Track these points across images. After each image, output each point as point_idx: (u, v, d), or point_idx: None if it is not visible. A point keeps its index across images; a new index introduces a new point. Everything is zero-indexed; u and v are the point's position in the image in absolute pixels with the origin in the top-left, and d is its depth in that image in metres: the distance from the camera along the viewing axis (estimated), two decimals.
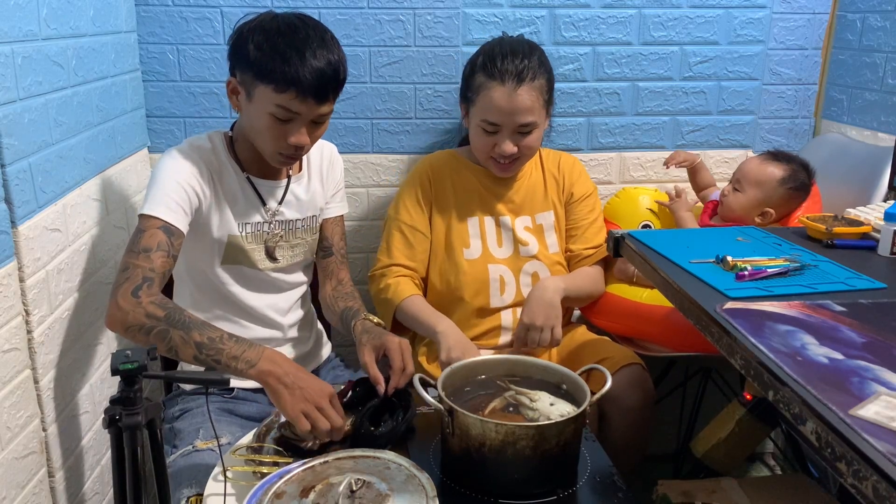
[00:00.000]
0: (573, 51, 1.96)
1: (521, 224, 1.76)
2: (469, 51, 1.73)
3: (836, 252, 1.33)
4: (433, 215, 1.75)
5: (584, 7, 1.93)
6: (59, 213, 1.34)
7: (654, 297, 1.73)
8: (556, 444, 1.13)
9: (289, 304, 1.56)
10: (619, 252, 1.46)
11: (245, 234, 1.44)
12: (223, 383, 1.06)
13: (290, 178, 1.50)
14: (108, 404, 0.99)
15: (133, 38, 1.78)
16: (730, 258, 1.23)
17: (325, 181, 1.56)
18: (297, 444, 1.21)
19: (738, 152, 2.09)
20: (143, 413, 0.99)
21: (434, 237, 1.75)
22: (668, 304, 1.38)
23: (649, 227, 1.87)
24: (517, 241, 1.74)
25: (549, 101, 1.65)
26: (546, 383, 1.31)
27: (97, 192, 1.52)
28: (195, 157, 1.38)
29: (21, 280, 1.21)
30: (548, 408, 1.22)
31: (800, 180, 1.72)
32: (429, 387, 1.25)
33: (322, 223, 1.59)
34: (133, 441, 0.98)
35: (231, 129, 1.46)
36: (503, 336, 1.73)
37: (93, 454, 1.49)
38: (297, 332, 1.59)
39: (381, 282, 1.71)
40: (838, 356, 0.91)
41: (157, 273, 1.25)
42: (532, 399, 1.24)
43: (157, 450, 1.05)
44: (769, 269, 1.20)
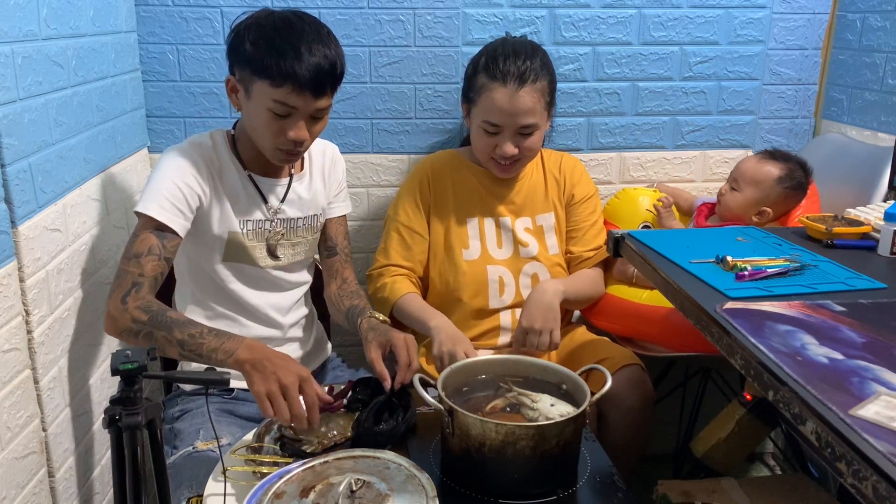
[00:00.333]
0: (573, 51, 1.96)
1: (522, 225, 1.75)
2: (469, 51, 1.73)
3: (836, 252, 1.33)
4: (432, 216, 1.75)
5: (584, 7, 1.93)
6: (59, 213, 1.33)
7: (653, 298, 1.73)
8: (556, 444, 1.13)
9: (290, 304, 1.55)
10: (619, 252, 1.46)
11: (246, 231, 1.44)
12: (223, 383, 1.06)
13: (291, 176, 1.50)
14: (108, 404, 0.99)
15: (133, 38, 1.78)
16: (730, 258, 1.23)
17: (326, 181, 1.57)
18: (297, 445, 1.21)
19: (738, 152, 2.09)
20: (143, 413, 0.99)
21: (433, 238, 1.75)
22: (668, 304, 1.38)
23: (649, 227, 1.87)
24: (517, 242, 1.74)
25: (551, 103, 1.65)
26: (546, 383, 1.31)
27: (97, 192, 1.52)
28: (194, 155, 1.38)
29: (21, 280, 1.21)
30: (548, 408, 1.22)
31: (797, 179, 1.72)
32: (429, 387, 1.26)
33: (326, 223, 1.59)
34: (133, 441, 0.98)
35: (233, 128, 1.47)
36: (502, 336, 1.73)
37: (93, 454, 1.49)
38: (298, 332, 1.59)
39: (378, 281, 1.71)
40: (838, 356, 0.91)
41: (146, 277, 1.28)
42: (534, 400, 1.24)
43: (157, 450, 1.05)
44: (769, 269, 1.20)
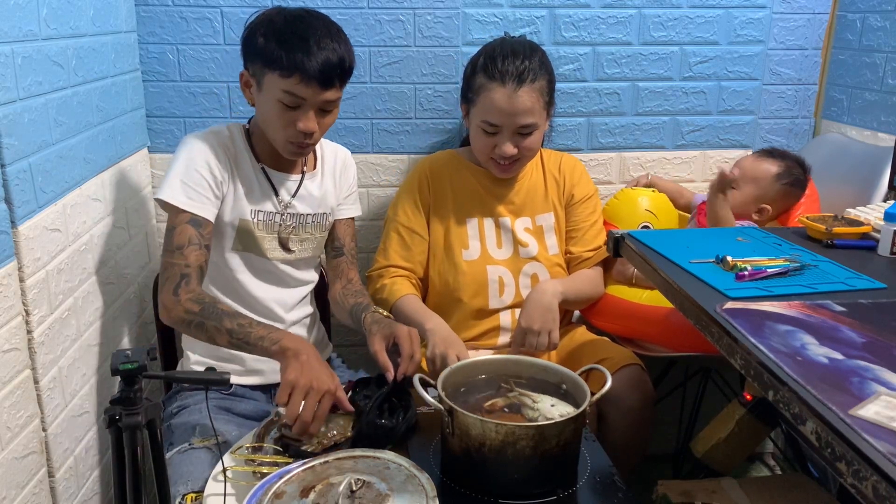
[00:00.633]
0: (573, 51, 1.96)
1: (521, 225, 1.75)
2: (469, 51, 1.73)
3: (836, 252, 1.33)
4: (432, 217, 1.75)
5: (584, 7, 1.93)
6: (59, 213, 1.33)
7: (653, 299, 1.73)
8: (556, 444, 1.13)
9: (294, 301, 1.57)
10: (619, 252, 1.46)
11: (257, 221, 1.48)
12: (223, 383, 1.06)
13: (304, 173, 1.54)
14: (108, 404, 0.99)
15: (133, 38, 1.78)
16: (730, 258, 1.23)
17: (337, 182, 1.60)
18: (297, 445, 1.21)
19: (739, 152, 2.09)
20: (143, 413, 0.99)
21: (433, 238, 1.75)
22: (668, 304, 1.38)
23: (648, 227, 1.87)
24: (517, 242, 1.74)
25: (550, 103, 1.65)
26: (546, 383, 1.31)
27: (97, 192, 1.52)
28: (213, 142, 1.44)
29: (21, 280, 1.21)
30: (549, 408, 1.22)
31: (795, 176, 1.73)
32: (429, 387, 1.26)
33: (335, 223, 1.62)
34: (133, 441, 0.98)
35: (248, 123, 1.52)
36: (502, 337, 1.73)
37: (93, 454, 1.49)
38: (299, 330, 1.59)
39: (378, 282, 1.71)
40: (838, 356, 0.91)
41: (192, 268, 1.34)
42: (534, 400, 1.24)
43: (157, 450, 1.05)
44: (769, 269, 1.20)
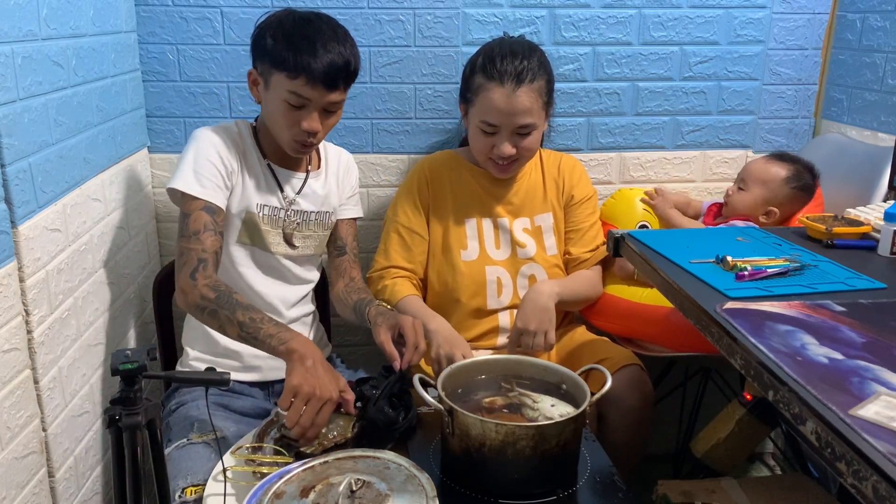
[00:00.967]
0: (573, 51, 1.96)
1: (520, 226, 1.75)
2: (469, 51, 1.73)
3: (836, 252, 1.33)
4: (431, 217, 1.75)
5: (584, 7, 1.93)
6: (59, 213, 1.33)
7: (653, 298, 1.73)
8: (556, 444, 1.13)
9: (296, 298, 1.58)
10: (619, 252, 1.46)
11: (262, 215, 1.50)
12: (223, 383, 1.06)
13: (308, 172, 1.56)
14: (108, 404, 0.99)
15: (133, 38, 1.78)
16: (730, 258, 1.23)
17: (340, 183, 1.63)
18: (296, 445, 1.21)
19: (738, 152, 2.09)
20: (143, 413, 0.99)
21: (432, 238, 1.75)
22: (668, 304, 1.38)
23: (646, 227, 1.87)
24: (515, 242, 1.74)
25: (549, 103, 1.65)
26: (546, 383, 1.31)
27: (97, 192, 1.52)
28: (223, 135, 1.46)
29: (21, 280, 1.21)
30: (549, 408, 1.22)
31: (804, 180, 1.73)
32: (429, 387, 1.26)
33: (337, 223, 1.64)
34: (133, 441, 0.98)
35: (255, 121, 1.54)
36: (501, 337, 1.73)
37: (93, 454, 1.49)
38: (300, 328, 1.59)
39: (379, 283, 1.71)
40: (838, 356, 0.91)
41: (209, 253, 1.36)
42: (535, 401, 1.25)
43: (157, 449, 1.05)
44: (769, 269, 1.20)
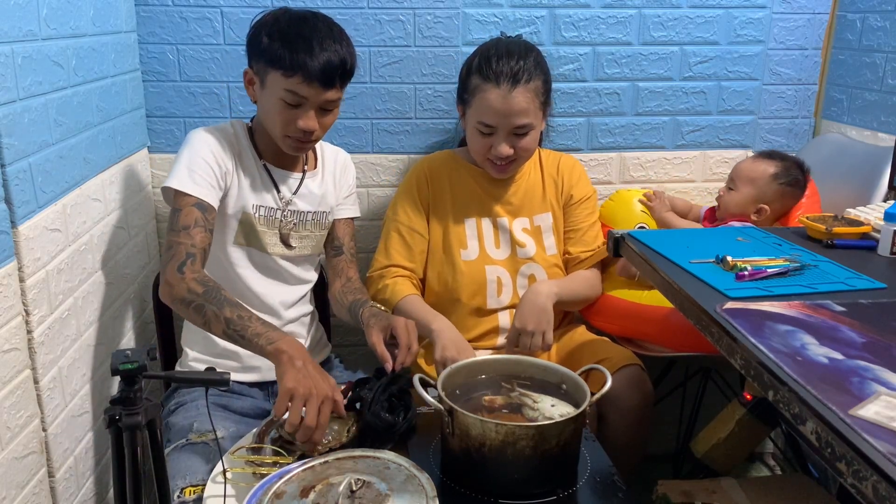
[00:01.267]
0: (573, 51, 1.96)
1: (519, 225, 1.75)
2: (469, 51, 1.72)
3: (836, 252, 1.33)
4: (431, 216, 1.75)
5: (584, 7, 1.93)
6: (59, 213, 1.33)
7: (653, 299, 1.73)
8: (556, 444, 1.13)
9: (293, 299, 1.58)
10: (619, 252, 1.46)
11: (258, 215, 1.50)
12: (223, 383, 1.06)
13: (304, 172, 1.56)
14: (108, 404, 0.99)
15: (133, 38, 1.78)
16: (730, 258, 1.23)
17: (337, 182, 1.63)
18: (290, 447, 1.21)
19: (738, 152, 2.09)
20: (143, 413, 0.99)
21: (431, 238, 1.75)
22: (668, 304, 1.38)
23: (645, 228, 1.87)
24: (514, 242, 1.74)
25: (546, 103, 1.64)
26: (546, 383, 1.31)
27: (97, 192, 1.52)
28: (218, 136, 1.46)
29: (21, 280, 1.21)
30: (549, 408, 1.22)
31: (793, 175, 1.73)
32: (429, 387, 1.26)
33: (334, 223, 1.64)
34: (133, 441, 0.98)
35: (251, 121, 1.54)
36: (501, 337, 1.72)
37: (93, 454, 1.49)
38: (298, 329, 1.59)
39: (379, 283, 1.71)
40: (838, 356, 0.91)
41: (197, 248, 1.34)
42: (535, 401, 1.24)
43: (157, 450, 1.05)
44: (769, 269, 1.20)
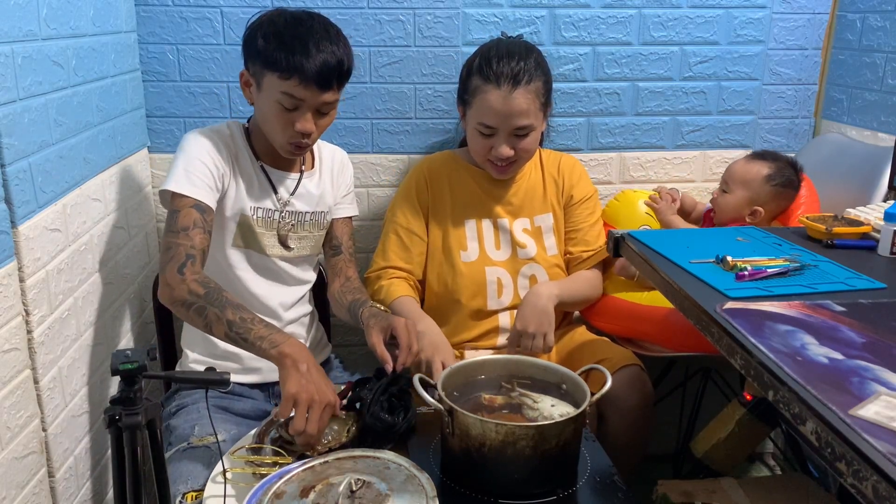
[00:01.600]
0: (573, 51, 1.96)
1: (520, 226, 1.75)
2: (469, 51, 1.73)
3: (836, 252, 1.33)
4: (430, 218, 1.75)
5: (584, 7, 1.93)
6: (59, 213, 1.33)
7: (654, 299, 1.73)
8: (556, 444, 1.13)
9: (293, 300, 1.57)
10: (619, 252, 1.46)
11: (256, 217, 1.49)
12: (223, 383, 1.06)
13: (302, 172, 1.55)
14: (108, 404, 0.99)
15: (133, 38, 1.78)
16: (730, 258, 1.23)
17: (335, 182, 1.62)
18: (289, 447, 1.21)
19: (738, 152, 2.09)
20: (143, 413, 0.99)
21: (431, 239, 1.75)
22: (668, 304, 1.38)
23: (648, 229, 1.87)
24: (515, 243, 1.74)
25: (547, 104, 1.64)
26: (546, 383, 1.31)
27: (97, 192, 1.52)
28: (215, 138, 1.45)
29: (21, 280, 1.21)
30: (549, 408, 1.22)
31: (786, 176, 1.72)
32: (429, 387, 1.26)
33: (332, 222, 1.63)
34: (133, 441, 0.98)
35: (248, 122, 1.53)
36: (501, 337, 1.72)
37: (93, 454, 1.49)
38: (297, 329, 1.59)
39: (376, 284, 1.71)
40: (838, 356, 0.91)
41: (197, 249, 1.33)
42: (535, 401, 1.25)
43: (157, 450, 1.05)
44: (769, 269, 1.20)
